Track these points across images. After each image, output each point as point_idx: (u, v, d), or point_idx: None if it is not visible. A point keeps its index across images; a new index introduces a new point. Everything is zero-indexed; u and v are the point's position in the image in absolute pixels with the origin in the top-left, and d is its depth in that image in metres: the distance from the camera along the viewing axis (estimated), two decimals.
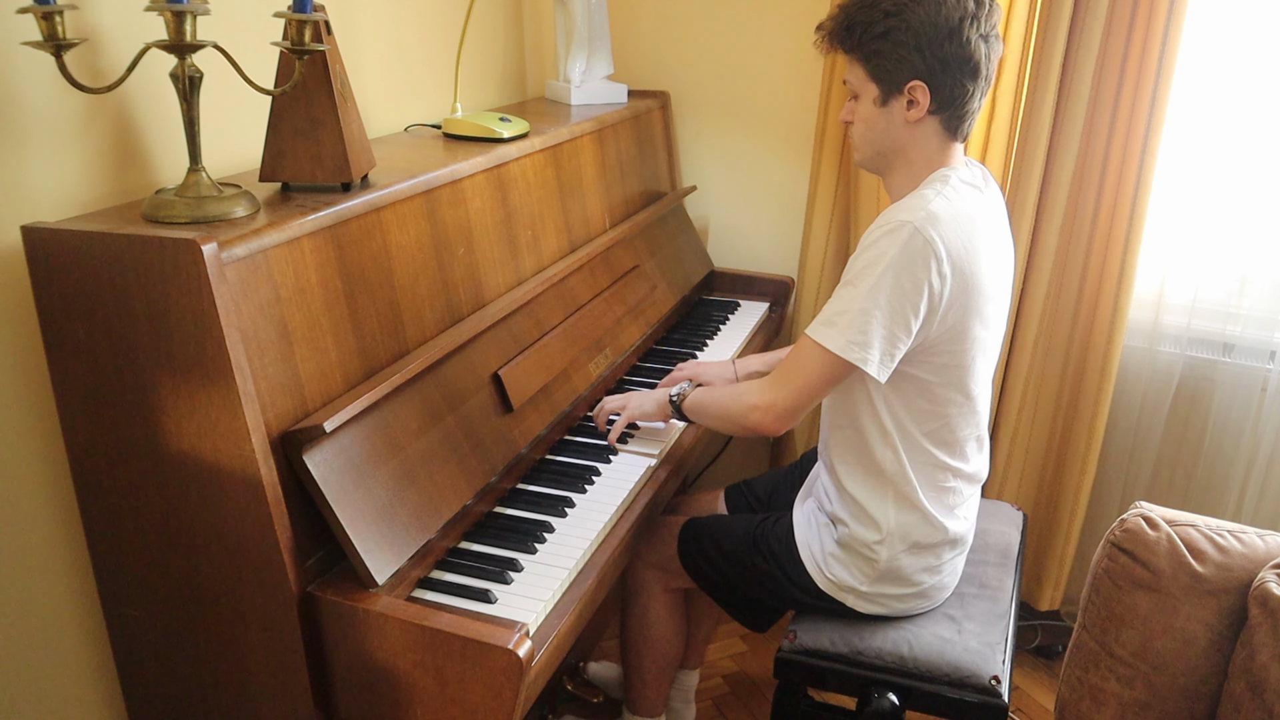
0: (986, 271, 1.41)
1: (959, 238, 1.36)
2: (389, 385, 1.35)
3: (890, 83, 1.40)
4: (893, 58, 1.38)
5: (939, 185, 1.40)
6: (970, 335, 1.43)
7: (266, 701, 1.32)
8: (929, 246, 1.33)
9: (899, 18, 1.36)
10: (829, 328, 1.39)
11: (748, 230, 2.57)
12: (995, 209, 1.49)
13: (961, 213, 1.38)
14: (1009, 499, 2.28)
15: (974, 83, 1.39)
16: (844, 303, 1.38)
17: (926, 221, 1.34)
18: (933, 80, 1.38)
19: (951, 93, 1.39)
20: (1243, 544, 1.31)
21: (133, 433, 1.24)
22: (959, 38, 1.35)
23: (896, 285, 1.34)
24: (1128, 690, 1.35)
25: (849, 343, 1.37)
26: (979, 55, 1.37)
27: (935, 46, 1.36)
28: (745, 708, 2.21)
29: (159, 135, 1.45)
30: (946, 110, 1.40)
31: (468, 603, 1.29)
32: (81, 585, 1.42)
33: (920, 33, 1.35)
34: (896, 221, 1.35)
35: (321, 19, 1.30)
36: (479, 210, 1.68)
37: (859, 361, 1.36)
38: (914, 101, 1.39)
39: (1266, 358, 2.07)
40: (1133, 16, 1.93)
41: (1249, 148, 2.01)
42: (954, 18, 1.35)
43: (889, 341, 1.37)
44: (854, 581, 1.55)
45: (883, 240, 1.36)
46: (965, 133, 1.44)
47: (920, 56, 1.37)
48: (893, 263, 1.34)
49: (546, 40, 2.53)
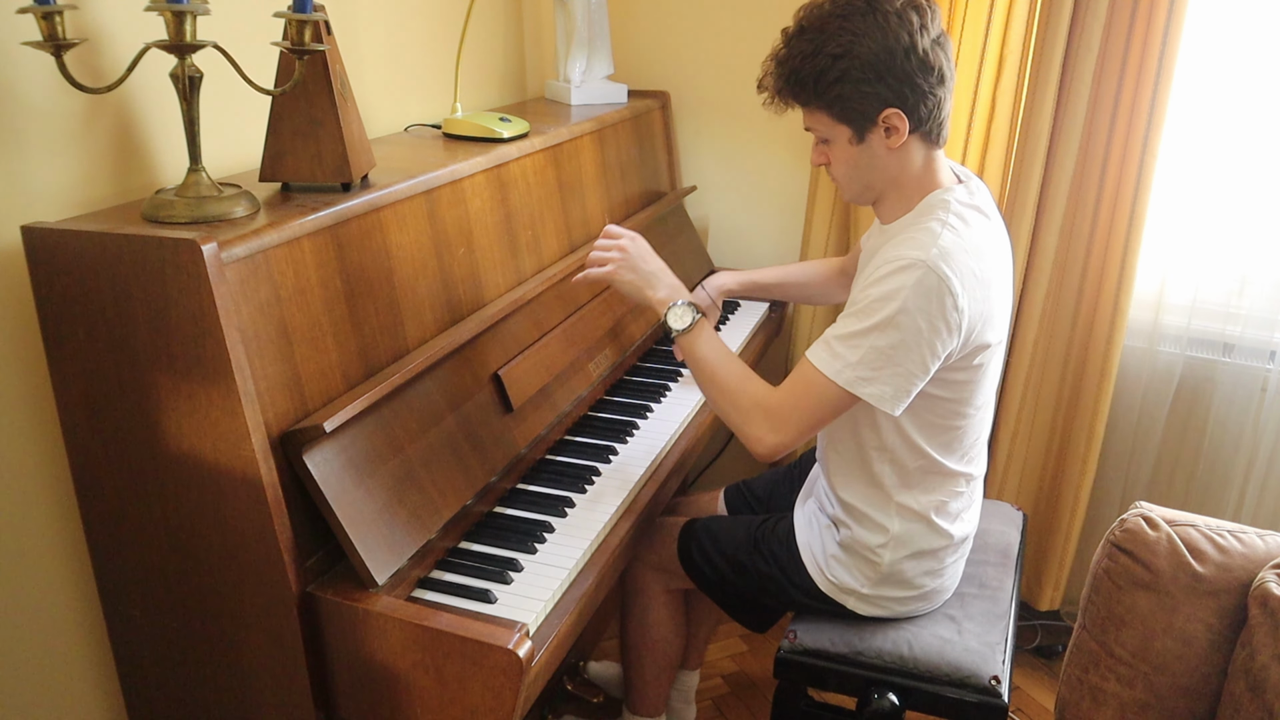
0: (997, 294, 1.40)
1: (971, 268, 1.32)
2: (389, 385, 1.35)
3: (861, 119, 1.35)
4: (856, 96, 1.32)
5: (941, 214, 1.36)
6: (982, 352, 1.41)
7: (266, 701, 1.32)
8: (944, 284, 1.29)
9: (849, 57, 1.30)
10: (836, 359, 1.34)
11: (748, 230, 2.57)
12: (999, 229, 1.47)
13: (970, 243, 1.34)
14: (1009, 499, 2.27)
15: (943, 88, 1.35)
16: (854, 333, 1.33)
17: (939, 258, 1.29)
18: (905, 103, 1.33)
19: (925, 106, 1.34)
20: (1243, 544, 1.31)
21: (133, 433, 1.24)
22: (916, 53, 1.31)
23: (912, 324, 1.30)
24: (1128, 690, 1.35)
25: (858, 378, 1.32)
26: (939, 61, 1.33)
27: (896, 70, 1.30)
28: (745, 708, 2.21)
29: (159, 135, 1.45)
30: (924, 125, 1.36)
31: (468, 603, 1.29)
32: (81, 586, 1.42)
33: (876, 63, 1.30)
34: (909, 259, 1.30)
35: (321, 19, 1.30)
36: (479, 210, 1.68)
37: (870, 397, 1.33)
38: (892, 129, 1.34)
39: (1266, 358, 2.07)
40: (1133, 16, 1.93)
41: (1249, 147, 2.01)
42: (904, 37, 1.30)
43: (903, 378, 1.33)
44: (855, 584, 1.55)
45: (895, 276, 1.31)
46: (945, 137, 1.41)
47: (885, 85, 1.31)
48: (907, 301, 1.29)
49: (546, 40, 2.53)
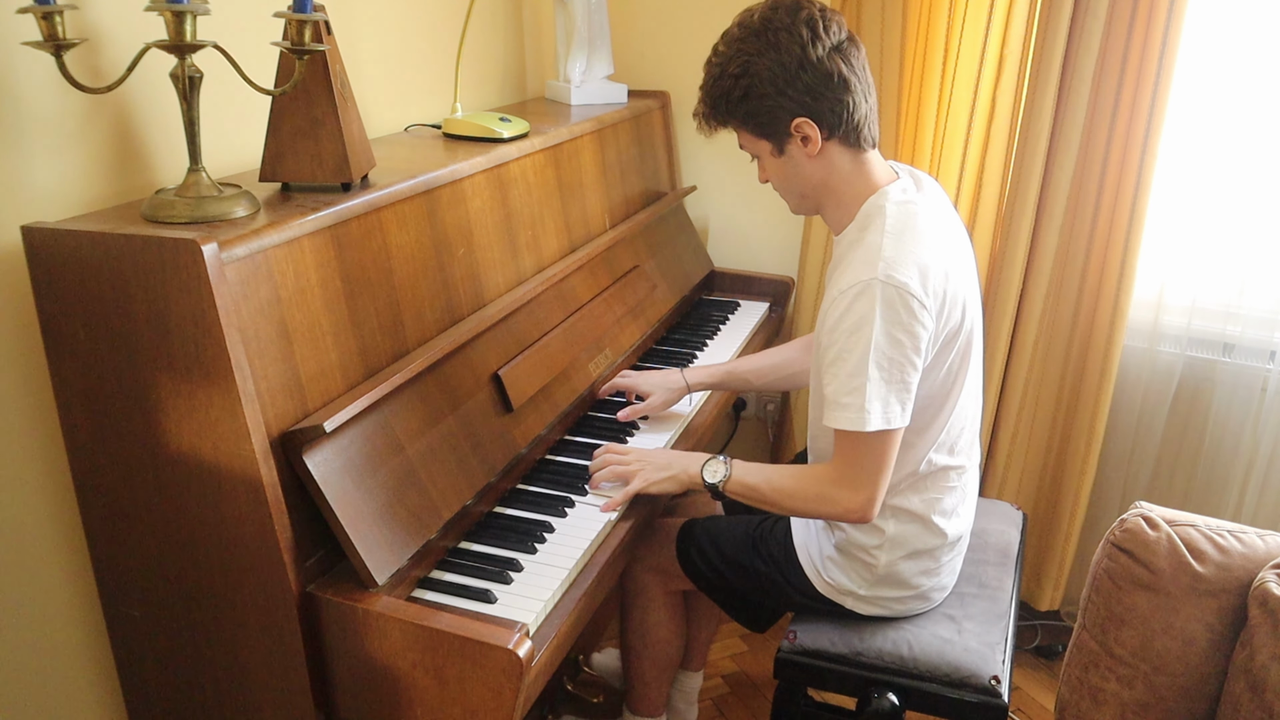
0: (954, 274, 1.41)
1: (921, 263, 1.36)
2: (389, 385, 1.35)
3: (775, 132, 1.42)
4: (763, 111, 1.40)
5: (879, 221, 1.40)
6: (957, 337, 1.43)
7: (266, 701, 1.32)
8: (902, 291, 1.33)
9: (748, 74, 1.39)
10: (854, 411, 1.36)
11: (748, 230, 2.57)
12: (935, 206, 1.48)
13: (912, 240, 1.38)
14: (1009, 499, 2.27)
15: (848, 94, 1.39)
16: (850, 378, 1.36)
17: (889, 269, 1.34)
18: (810, 111, 1.39)
19: (834, 112, 1.39)
20: (1243, 544, 1.31)
21: (133, 433, 1.24)
22: (810, 64, 1.37)
23: (892, 340, 1.34)
24: (1128, 690, 1.35)
25: (882, 414, 1.36)
26: (838, 68, 1.38)
27: (794, 83, 1.37)
28: (745, 708, 2.21)
29: (159, 135, 1.45)
30: (839, 130, 1.41)
31: (468, 603, 1.29)
32: (81, 585, 1.42)
33: (775, 78, 1.37)
34: (862, 281, 1.35)
35: (321, 19, 1.30)
36: (479, 210, 1.68)
37: (901, 423, 1.37)
38: (806, 137, 1.41)
39: (1266, 358, 2.07)
40: (1133, 16, 1.93)
41: (1249, 147, 2.01)
42: (795, 50, 1.36)
43: (905, 389, 1.37)
44: (852, 585, 1.55)
45: (857, 303, 1.35)
46: (872, 139, 1.44)
47: (786, 98, 1.38)
48: (877, 323, 1.34)
49: (546, 40, 2.53)
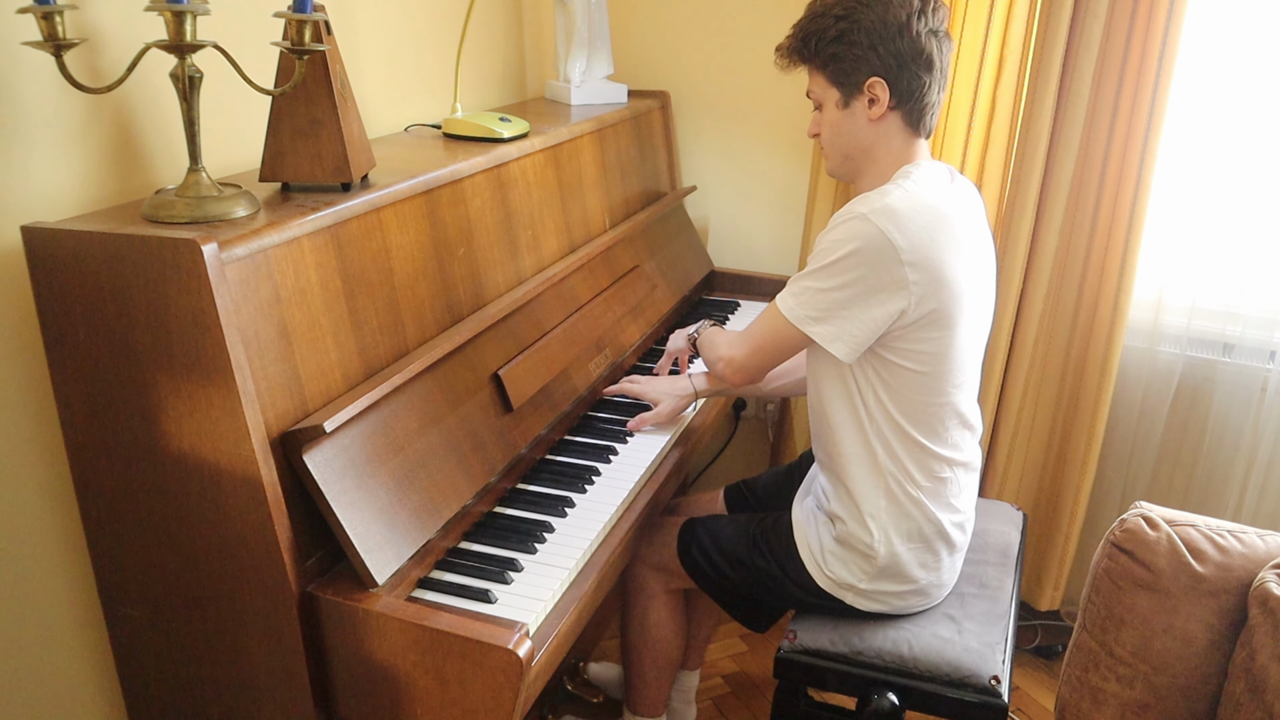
0: (958, 259, 1.43)
1: (919, 227, 1.40)
2: (389, 385, 1.35)
3: (850, 84, 1.47)
4: (849, 59, 1.45)
5: (900, 180, 1.46)
6: (947, 324, 1.44)
7: (266, 701, 1.32)
8: (883, 237, 1.38)
9: (850, 20, 1.43)
10: (793, 298, 1.48)
11: (748, 230, 2.57)
12: (964, 199, 1.52)
13: (923, 204, 1.42)
14: (1009, 499, 2.28)
15: (929, 75, 1.45)
16: (807, 275, 1.46)
17: (881, 214, 1.39)
18: (889, 75, 1.44)
19: (909, 86, 1.45)
20: (1243, 544, 1.31)
21: (133, 433, 1.24)
22: (909, 33, 1.42)
23: (856, 271, 1.40)
24: (1128, 690, 1.35)
25: (805, 316, 1.46)
26: (930, 48, 1.44)
27: (888, 43, 1.42)
28: (745, 708, 2.21)
29: (159, 135, 1.45)
30: (906, 104, 1.46)
31: (468, 603, 1.29)
32: (81, 585, 1.42)
33: (872, 31, 1.43)
34: (855, 214, 1.41)
35: (321, 19, 1.30)
36: (479, 210, 1.68)
37: (817, 336, 1.45)
38: (875, 99, 1.46)
39: (1266, 358, 2.07)
40: (1133, 16, 1.93)
41: (1249, 147, 2.01)
42: (901, 15, 1.42)
43: (848, 322, 1.43)
44: (853, 579, 1.55)
45: (843, 226, 1.42)
46: (929, 128, 1.50)
47: (875, 54, 1.43)
48: (852, 252, 1.40)
49: (546, 40, 2.53)
